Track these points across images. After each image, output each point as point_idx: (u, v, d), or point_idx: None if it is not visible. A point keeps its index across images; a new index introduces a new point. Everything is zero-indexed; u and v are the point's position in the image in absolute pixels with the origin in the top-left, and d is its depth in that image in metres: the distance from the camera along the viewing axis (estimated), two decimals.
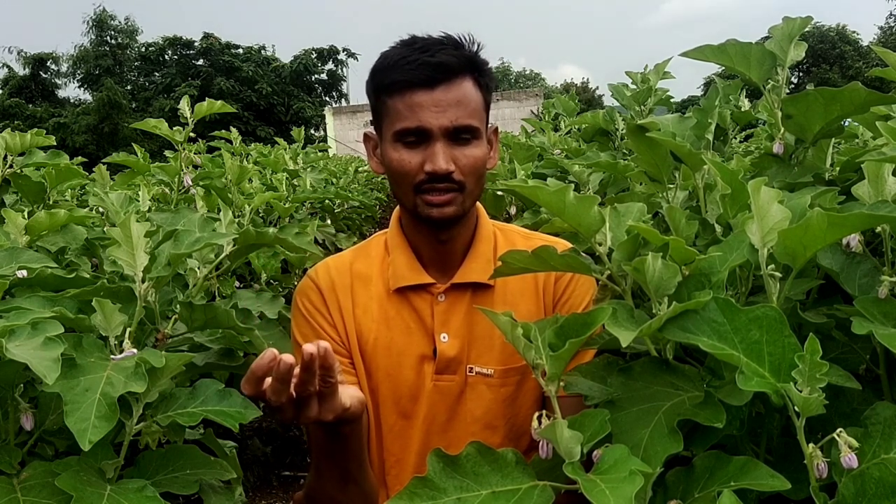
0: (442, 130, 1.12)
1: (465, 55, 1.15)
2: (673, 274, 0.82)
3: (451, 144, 1.13)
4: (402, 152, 1.14)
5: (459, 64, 1.13)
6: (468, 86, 1.14)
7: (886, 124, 0.95)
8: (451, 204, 1.15)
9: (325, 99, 37.25)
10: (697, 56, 1.17)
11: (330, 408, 0.90)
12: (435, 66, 1.11)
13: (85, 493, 0.86)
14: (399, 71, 1.13)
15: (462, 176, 1.14)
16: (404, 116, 1.12)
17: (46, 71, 35.86)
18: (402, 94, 1.13)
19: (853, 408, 0.84)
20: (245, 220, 2.21)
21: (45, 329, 0.88)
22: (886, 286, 0.87)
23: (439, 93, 1.11)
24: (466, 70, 1.14)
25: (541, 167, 2.50)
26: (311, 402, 0.88)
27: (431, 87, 1.11)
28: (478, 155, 1.15)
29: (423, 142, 1.13)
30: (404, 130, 1.13)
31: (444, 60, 1.11)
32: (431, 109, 1.11)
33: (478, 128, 1.15)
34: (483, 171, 1.18)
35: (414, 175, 1.14)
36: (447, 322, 1.21)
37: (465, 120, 1.12)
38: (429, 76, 1.11)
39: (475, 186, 1.17)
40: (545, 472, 0.79)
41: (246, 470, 2.83)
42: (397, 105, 1.13)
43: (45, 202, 1.84)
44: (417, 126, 1.12)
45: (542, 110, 4.60)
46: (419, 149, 1.13)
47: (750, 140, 3.67)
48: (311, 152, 5.30)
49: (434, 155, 1.12)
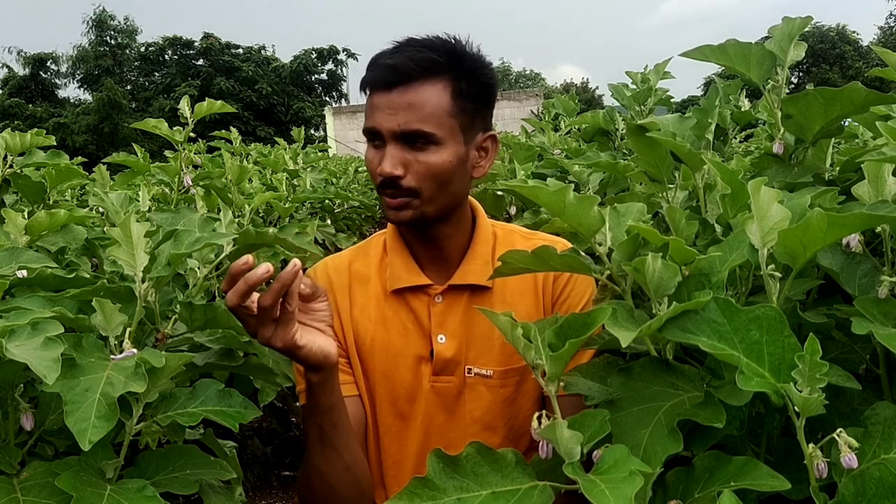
0: (390, 133, 1.11)
1: (434, 58, 1.11)
2: (673, 274, 0.82)
3: (405, 148, 1.11)
4: (369, 152, 1.16)
5: (421, 67, 1.10)
6: (430, 90, 1.10)
7: (886, 124, 0.95)
8: (405, 208, 1.13)
9: (325, 99, 37.26)
10: (697, 56, 1.17)
11: (281, 336, 0.94)
12: (390, 68, 1.11)
13: (85, 493, 0.86)
14: (368, 71, 1.15)
15: (415, 182, 1.11)
16: (366, 116, 1.15)
17: (46, 71, 35.89)
18: (369, 93, 1.15)
19: (853, 408, 0.84)
20: (245, 220, 2.21)
21: (45, 329, 0.88)
22: (886, 286, 0.87)
23: (395, 95, 1.10)
24: (433, 73, 1.11)
25: (541, 167, 2.50)
26: (268, 323, 0.94)
27: (388, 88, 1.11)
28: (433, 161, 1.11)
29: (381, 143, 1.13)
30: (364, 130, 1.15)
31: (399, 63, 1.10)
32: (385, 111, 1.11)
33: (432, 133, 1.10)
34: (447, 178, 1.13)
35: (374, 176, 1.15)
36: (444, 323, 1.21)
37: (416, 125, 1.09)
38: (383, 78, 1.11)
39: (436, 193, 1.13)
40: (545, 472, 0.79)
41: (246, 470, 2.84)
42: (367, 104, 1.15)
43: (45, 202, 1.84)
44: (372, 127, 1.13)
45: (542, 110, 4.60)
46: (379, 150, 1.14)
47: (750, 140, 3.67)
48: (311, 152, 5.29)
49: (382, 158, 1.12)
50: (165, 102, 31.60)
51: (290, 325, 0.94)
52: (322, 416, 1.05)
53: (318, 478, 1.12)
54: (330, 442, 1.08)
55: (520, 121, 4.73)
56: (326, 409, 1.05)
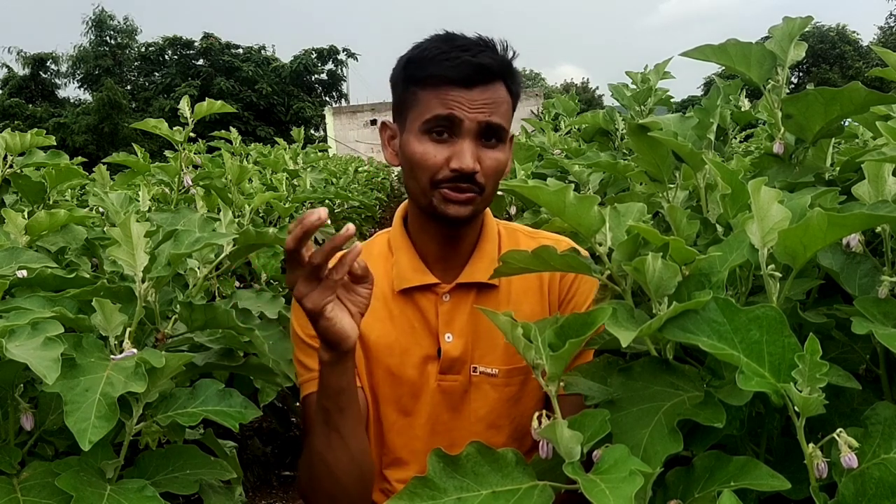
0: (473, 125, 1.11)
1: (502, 60, 1.15)
2: (673, 274, 0.82)
3: (478, 144, 1.12)
4: (427, 145, 1.12)
5: (498, 68, 1.13)
6: (502, 90, 1.14)
7: (886, 124, 0.95)
8: (469, 204, 1.14)
9: (325, 99, 37.29)
10: (698, 56, 1.17)
11: (314, 298, 0.92)
12: (476, 67, 1.11)
13: (85, 493, 0.86)
14: (438, 65, 1.11)
15: (484, 178, 1.13)
16: (436, 107, 1.11)
17: (46, 71, 35.91)
18: (438, 87, 1.11)
19: (853, 408, 0.84)
20: (245, 220, 2.21)
21: (45, 329, 0.88)
22: (886, 286, 0.87)
23: (476, 93, 1.11)
24: (503, 75, 1.14)
25: (541, 167, 2.50)
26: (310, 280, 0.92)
27: (469, 86, 1.11)
28: (501, 159, 1.14)
29: (450, 137, 1.12)
30: (435, 118, 1.11)
31: (485, 63, 1.11)
32: (466, 105, 1.11)
33: (506, 130, 1.15)
34: (502, 176, 1.17)
35: (437, 170, 1.12)
36: (451, 322, 1.21)
37: (498, 119, 1.12)
38: (468, 76, 1.10)
39: (492, 190, 1.17)
40: (545, 471, 0.79)
41: (246, 470, 2.83)
42: (430, 97, 1.12)
43: (45, 202, 1.84)
44: (449, 113, 1.10)
45: (542, 110, 4.60)
46: (446, 144, 1.12)
47: (750, 140, 3.67)
48: (311, 152, 5.29)
49: (462, 152, 1.10)
50: (165, 102, 31.62)
51: (327, 292, 0.93)
52: (329, 399, 1.03)
53: (320, 464, 1.08)
54: (335, 426, 1.05)
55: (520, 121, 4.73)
56: (335, 391, 1.02)
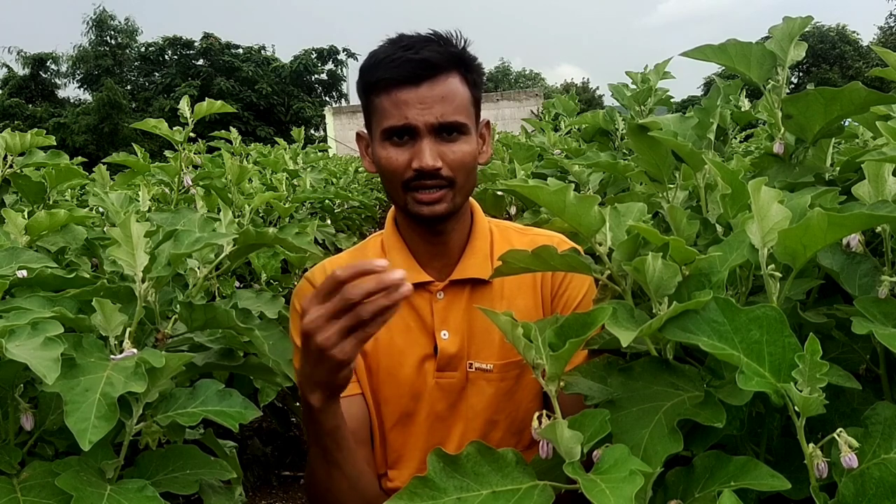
0: (428, 127, 1.12)
1: (451, 52, 1.15)
2: (673, 274, 0.82)
3: (438, 141, 1.13)
4: (389, 150, 1.15)
5: (444, 60, 1.13)
6: (454, 82, 1.14)
7: (886, 124, 0.95)
8: (441, 201, 1.15)
9: (325, 99, 37.30)
10: (698, 56, 1.17)
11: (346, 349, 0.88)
12: (418, 63, 1.12)
13: (85, 493, 0.86)
14: (384, 69, 1.13)
15: (451, 172, 1.14)
16: (391, 114, 1.13)
17: (46, 71, 35.91)
18: (388, 91, 1.13)
19: (853, 408, 0.84)
20: (245, 220, 2.21)
21: (45, 329, 0.88)
22: (886, 286, 0.87)
23: (424, 89, 1.12)
24: (452, 66, 1.14)
25: (541, 167, 2.50)
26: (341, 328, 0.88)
27: (416, 83, 1.12)
28: (466, 150, 1.15)
29: (410, 139, 1.14)
30: (391, 129, 1.14)
31: (427, 57, 1.12)
32: (417, 106, 1.11)
33: (465, 123, 1.15)
34: (473, 166, 1.18)
35: (402, 173, 1.14)
36: (447, 319, 1.22)
37: (451, 116, 1.13)
38: (412, 73, 1.11)
39: (465, 182, 1.17)
40: (545, 471, 0.79)
41: (246, 470, 2.83)
42: (384, 103, 1.14)
43: (45, 202, 1.84)
44: (404, 124, 1.12)
45: (542, 110, 4.60)
46: (406, 147, 1.14)
47: (750, 140, 3.67)
48: (310, 152, 5.29)
49: (421, 152, 1.12)
50: (165, 102, 31.61)
51: (361, 344, 0.90)
52: (326, 437, 1.05)
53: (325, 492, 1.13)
54: (335, 462, 1.08)
55: (520, 121, 4.74)
56: (331, 430, 1.04)
